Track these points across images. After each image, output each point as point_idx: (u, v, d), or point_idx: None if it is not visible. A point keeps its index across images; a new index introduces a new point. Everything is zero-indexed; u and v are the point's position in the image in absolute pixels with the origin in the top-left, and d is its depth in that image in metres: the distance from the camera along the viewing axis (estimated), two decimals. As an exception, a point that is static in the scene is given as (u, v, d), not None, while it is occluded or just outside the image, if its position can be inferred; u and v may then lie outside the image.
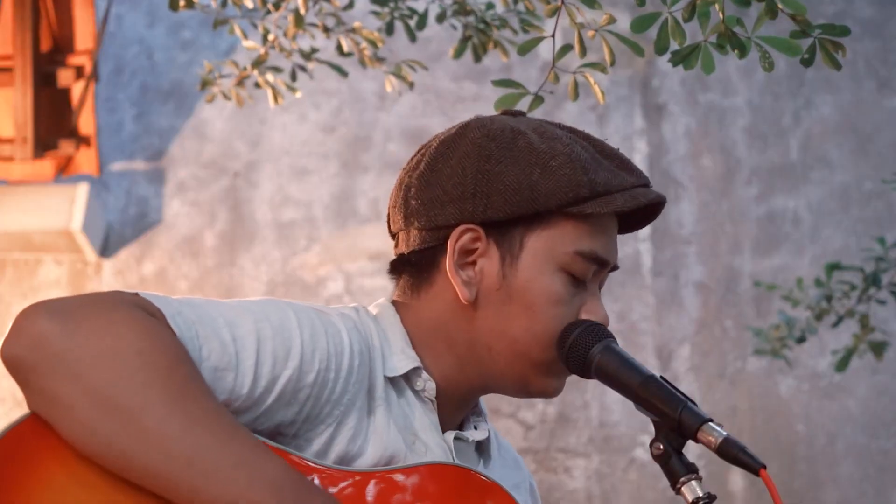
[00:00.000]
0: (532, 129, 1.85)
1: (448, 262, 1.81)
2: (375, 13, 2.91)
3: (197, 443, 1.55)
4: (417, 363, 1.80)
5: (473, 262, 1.81)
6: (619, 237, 1.90)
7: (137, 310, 1.60)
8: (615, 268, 1.89)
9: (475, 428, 1.89)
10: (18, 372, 1.56)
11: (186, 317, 1.64)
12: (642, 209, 1.85)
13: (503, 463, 1.94)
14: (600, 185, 1.80)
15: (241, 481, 1.56)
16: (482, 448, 1.90)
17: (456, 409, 1.86)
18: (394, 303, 1.87)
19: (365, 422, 1.74)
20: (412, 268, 1.87)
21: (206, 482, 1.55)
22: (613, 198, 1.80)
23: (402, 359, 1.80)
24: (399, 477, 1.71)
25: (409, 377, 1.81)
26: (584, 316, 1.81)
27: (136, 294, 1.63)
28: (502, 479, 1.81)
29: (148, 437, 1.54)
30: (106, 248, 6.37)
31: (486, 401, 1.95)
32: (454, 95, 6.53)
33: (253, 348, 1.66)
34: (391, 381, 1.79)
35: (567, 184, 1.79)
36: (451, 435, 1.83)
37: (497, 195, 1.79)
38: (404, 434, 1.77)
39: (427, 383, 1.81)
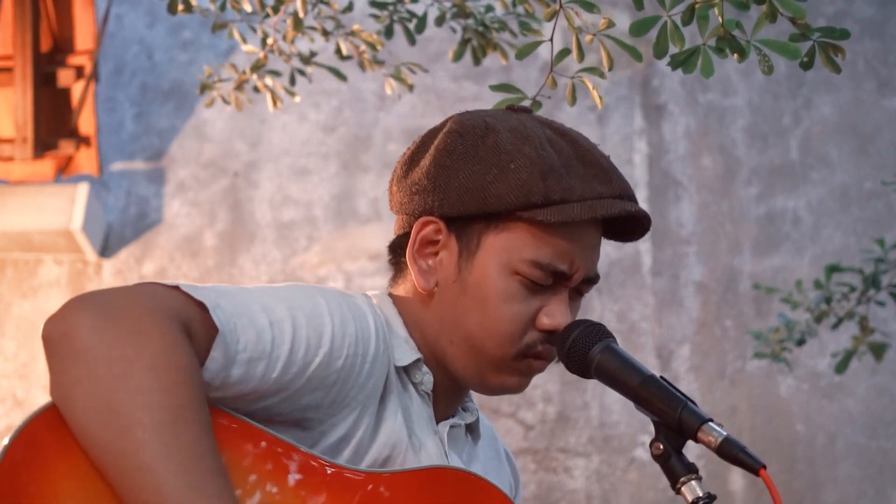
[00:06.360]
0: (509, 128, 1.83)
1: (408, 251, 1.84)
2: (374, 16, 2.91)
3: (166, 479, 1.54)
4: (419, 355, 1.81)
5: (435, 253, 1.83)
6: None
7: (169, 321, 1.59)
8: (594, 279, 1.86)
9: (464, 409, 1.91)
10: (48, 353, 1.59)
11: (225, 309, 1.64)
12: (630, 221, 1.82)
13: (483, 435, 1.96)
14: (557, 192, 1.78)
15: None
16: (471, 428, 1.91)
17: (449, 403, 1.87)
18: (388, 294, 1.89)
19: (379, 409, 1.76)
20: (394, 255, 1.90)
21: None
22: (570, 206, 1.77)
23: (407, 349, 1.81)
24: (399, 481, 1.71)
25: (408, 369, 1.81)
26: (543, 318, 1.79)
27: (178, 287, 1.63)
28: (486, 452, 1.84)
29: (125, 458, 1.54)
30: (106, 248, 6.37)
31: (487, 400, 1.95)
32: (454, 95, 6.53)
33: (289, 336, 1.67)
34: (396, 371, 1.80)
35: (519, 188, 1.78)
36: (445, 427, 1.84)
37: (452, 191, 1.81)
38: (407, 425, 1.78)
39: (425, 376, 1.81)
